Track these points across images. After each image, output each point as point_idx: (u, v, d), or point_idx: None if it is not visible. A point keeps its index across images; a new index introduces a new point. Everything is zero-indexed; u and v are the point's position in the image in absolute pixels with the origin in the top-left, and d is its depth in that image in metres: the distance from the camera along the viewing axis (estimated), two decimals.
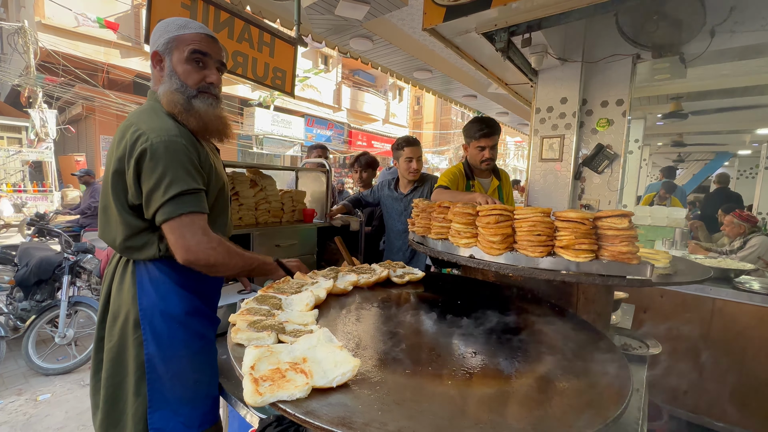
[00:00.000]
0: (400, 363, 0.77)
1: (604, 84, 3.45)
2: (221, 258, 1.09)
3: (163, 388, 1.10)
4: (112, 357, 1.12)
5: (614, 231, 1.04)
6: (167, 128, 1.07)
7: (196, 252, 1.05)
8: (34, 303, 3.65)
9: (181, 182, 1.04)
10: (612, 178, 3.50)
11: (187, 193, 1.05)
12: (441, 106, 26.16)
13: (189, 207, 1.05)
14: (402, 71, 4.75)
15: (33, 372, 3.28)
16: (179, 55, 1.14)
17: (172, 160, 1.03)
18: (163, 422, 1.09)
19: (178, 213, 1.03)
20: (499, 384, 0.72)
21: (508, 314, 1.11)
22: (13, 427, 2.56)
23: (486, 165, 2.21)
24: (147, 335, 1.09)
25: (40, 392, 3.01)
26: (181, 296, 1.14)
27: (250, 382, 0.59)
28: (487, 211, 1.17)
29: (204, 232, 1.07)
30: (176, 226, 1.04)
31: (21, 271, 3.65)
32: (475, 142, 2.20)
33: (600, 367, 0.81)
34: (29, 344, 3.29)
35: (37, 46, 10.88)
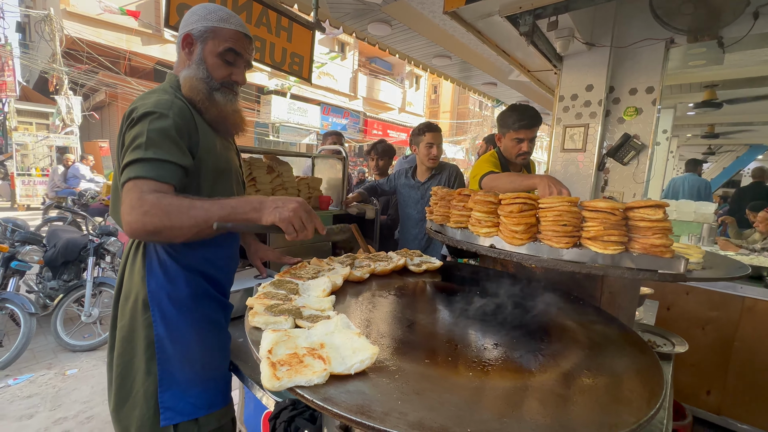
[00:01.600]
0: (418, 352, 0.75)
1: (634, 70, 3.28)
2: (158, 221, 0.90)
3: (173, 369, 1.11)
4: (123, 336, 1.14)
5: (647, 222, 0.98)
6: (160, 102, 1.04)
7: (130, 221, 0.91)
8: (61, 282, 3.81)
9: (143, 149, 0.96)
10: (638, 169, 3.36)
11: (144, 160, 0.95)
12: (458, 95, 25.64)
13: (137, 172, 0.94)
14: (420, 57, 4.64)
15: (61, 348, 3.43)
16: (213, 48, 1.13)
17: (148, 127, 0.98)
18: (173, 401, 1.10)
19: (126, 178, 0.95)
20: (522, 378, 0.70)
21: (528, 306, 1.08)
22: (44, 398, 2.70)
23: (522, 159, 2.05)
24: (156, 317, 1.10)
25: (68, 367, 3.15)
26: (188, 279, 1.14)
27: (268, 366, 0.58)
28: (511, 200, 1.12)
29: (140, 196, 0.92)
30: (124, 192, 0.94)
31: (49, 252, 3.79)
32: (513, 134, 2.01)
33: (629, 364, 0.77)
34: (58, 321, 3.44)
35: (63, 34, 11.13)
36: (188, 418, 1.12)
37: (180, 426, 1.11)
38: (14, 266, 3.32)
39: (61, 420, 2.47)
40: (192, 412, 1.13)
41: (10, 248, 3.34)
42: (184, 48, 1.14)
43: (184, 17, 1.16)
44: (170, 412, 1.10)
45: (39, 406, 2.62)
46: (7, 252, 3.30)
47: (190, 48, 1.14)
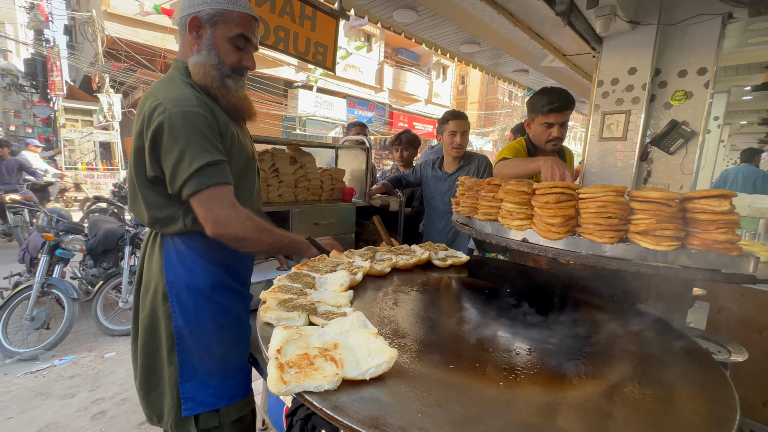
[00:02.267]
0: (442, 356, 0.68)
1: (684, 50, 2.99)
2: (249, 232, 1.05)
3: (192, 360, 1.11)
4: (145, 326, 1.15)
5: (709, 215, 0.85)
6: (184, 98, 1.03)
7: (225, 225, 1.02)
8: (101, 270, 4.01)
9: (205, 154, 1.00)
10: (686, 159, 3.07)
11: (212, 164, 1.01)
12: (487, 84, 24.86)
13: (215, 179, 1.01)
14: (447, 45, 4.48)
15: (101, 332, 3.62)
16: (224, 33, 1.09)
17: (192, 132, 0.99)
18: (194, 392, 1.10)
19: (206, 185, 1.00)
20: (561, 390, 0.61)
21: (566, 307, 0.98)
22: (85, 379, 2.85)
23: (552, 145, 1.90)
24: (174, 308, 1.10)
25: (107, 350, 3.32)
26: (206, 270, 1.13)
27: (275, 368, 0.53)
28: (546, 189, 1.02)
29: (232, 205, 1.04)
30: (204, 199, 1.01)
31: (90, 241, 4.00)
32: (542, 118, 1.87)
33: (689, 378, 0.66)
34: (98, 307, 3.63)
35: (104, 34, 11.71)
36: (209, 408, 1.12)
37: (201, 416, 1.12)
38: (59, 254, 3.52)
39: (99, 401, 2.60)
40: (212, 402, 1.12)
41: (55, 237, 3.54)
42: (191, 31, 1.08)
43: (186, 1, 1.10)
44: (191, 403, 1.11)
45: (80, 386, 2.77)
46: (52, 241, 3.50)
47: (198, 32, 1.09)
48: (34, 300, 3.19)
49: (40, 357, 3.08)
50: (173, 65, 1.16)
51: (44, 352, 3.12)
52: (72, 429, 2.31)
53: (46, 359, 3.08)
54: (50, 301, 3.40)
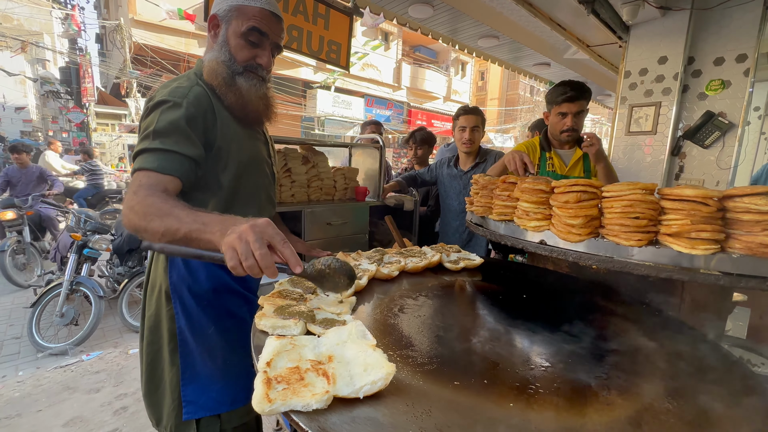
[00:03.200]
0: (448, 371, 0.62)
1: (721, 36, 2.78)
2: (136, 220, 0.83)
3: (195, 362, 1.09)
4: (150, 326, 1.14)
5: (754, 215, 0.75)
6: (173, 90, 0.99)
7: (123, 215, 0.87)
8: (127, 268, 4.15)
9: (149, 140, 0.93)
10: (723, 153, 2.87)
11: (149, 150, 0.92)
12: (507, 80, 24.31)
13: (141, 164, 0.91)
14: (465, 40, 4.37)
15: (126, 328, 3.75)
16: (236, 27, 1.05)
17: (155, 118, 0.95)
18: (195, 395, 1.08)
19: (133, 170, 0.94)
20: (581, 413, 0.54)
21: (588, 315, 0.90)
22: (109, 374, 2.95)
23: (567, 136, 1.88)
24: (177, 309, 1.09)
25: (131, 347, 3.42)
26: (209, 272, 1.11)
27: (262, 383, 0.49)
28: (566, 187, 0.94)
29: (135, 190, 0.87)
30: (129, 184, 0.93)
31: (116, 241, 4.14)
32: (556, 108, 1.87)
33: (729, 401, 0.58)
34: (123, 304, 3.75)
35: (131, 41, 12.17)
36: (210, 413, 1.10)
37: (202, 421, 1.10)
38: (86, 253, 3.66)
39: (122, 396, 2.68)
40: (214, 407, 1.10)
41: (82, 237, 3.68)
42: (210, 30, 1.08)
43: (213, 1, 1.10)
44: (192, 406, 1.09)
45: (105, 381, 2.86)
46: (80, 240, 3.64)
47: (215, 30, 1.07)
48: (64, 297, 3.33)
49: (69, 352, 3.21)
50: (196, 64, 1.15)
51: (73, 348, 3.25)
52: (95, 423, 2.38)
53: (74, 354, 3.21)
54: (79, 299, 3.54)
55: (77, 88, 14.63)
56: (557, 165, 1.95)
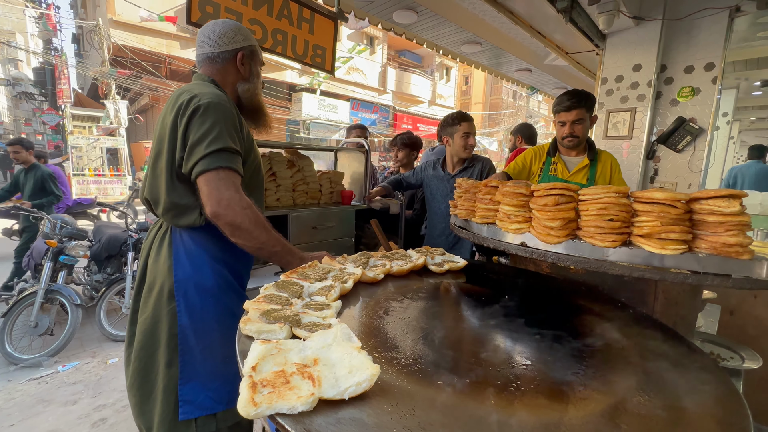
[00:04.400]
0: (431, 371, 0.64)
1: (690, 45, 2.92)
2: (247, 222, 1.05)
3: (195, 361, 1.11)
4: (145, 329, 1.14)
5: (718, 217, 0.80)
6: (219, 95, 1.13)
7: (226, 207, 1.03)
8: (105, 275, 4.03)
9: (225, 139, 1.06)
10: (694, 157, 3.00)
11: (228, 150, 1.07)
12: (491, 85, 24.75)
13: (227, 163, 1.06)
14: (449, 45, 4.44)
15: (105, 337, 3.63)
16: (257, 65, 1.33)
17: (219, 118, 1.07)
18: (193, 394, 1.10)
19: (216, 165, 1.04)
20: (559, 409, 0.57)
21: (567, 314, 0.93)
22: (87, 385, 2.85)
23: (569, 142, 1.96)
24: (181, 306, 1.11)
25: (110, 356, 3.32)
26: (214, 269, 1.16)
27: (247, 388, 0.49)
28: (545, 191, 0.97)
29: (237, 189, 1.07)
30: (212, 178, 1.04)
31: (94, 247, 4.02)
32: (556, 117, 1.98)
33: (696, 390, 0.62)
34: (101, 312, 3.63)
35: (110, 42, 11.86)
36: (207, 412, 1.11)
37: (198, 421, 1.10)
38: (62, 260, 3.54)
39: (100, 407, 2.59)
40: (211, 406, 1.12)
41: (58, 243, 3.56)
42: (242, 64, 1.27)
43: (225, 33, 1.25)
44: (189, 406, 1.10)
45: (82, 392, 2.76)
46: (55, 247, 3.52)
47: (246, 65, 1.29)
48: (38, 306, 3.21)
49: (44, 363, 3.09)
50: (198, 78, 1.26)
51: (48, 359, 3.13)
52: None
53: (49, 365, 3.09)
54: (54, 307, 3.41)
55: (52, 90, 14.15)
56: (560, 170, 2.02)
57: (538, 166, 2.09)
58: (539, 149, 2.14)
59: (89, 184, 11.65)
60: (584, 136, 1.97)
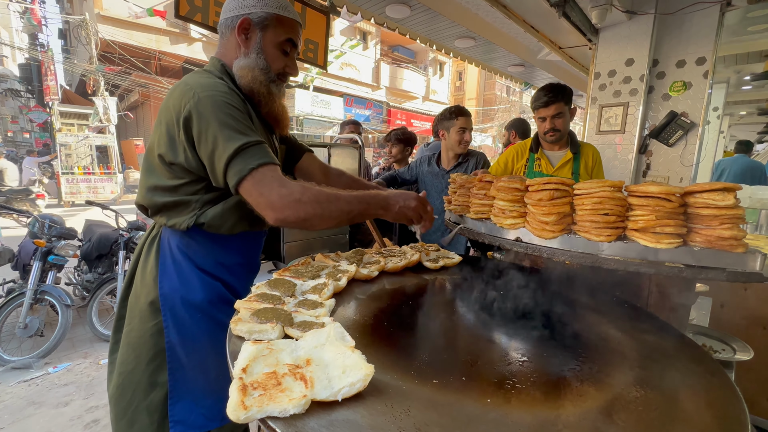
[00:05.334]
0: (427, 370, 0.63)
1: (682, 40, 2.93)
2: (311, 209, 0.91)
3: (185, 378, 1.04)
4: (128, 342, 1.07)
5: (712, 210, 0.80)
6: (215, 85, 0.98)
7: (281, 208, 0.90)
8: (96, 275, 3.96)
9: (239, 136, 0.92)
10: (686, 151, 3.02)
11: (248, 146, 0.92)
12: (484, 80, 24.76)
13: (255, 160, 0.92)
14: (442, 40, 4.41)
15: (97, 338, 3.58)
16: (274, 37, 1.07)
17: (221, 117, 0.93)
18: (185, 414, 1.03)
19: (247, 170, 0.90)
20: (558, 404, 0.56)
21: (563, 309, 0.93)
22: (79, 387, 2.81)
23: (550, 137, 1.96)
24: (168, 322, 1.03)
25: (102, 357, 3.27)
26: (204, 283, 1.06)
27: (237, 390, 0.48)
28: (540, 186, 0.97)
29: (281, 183, 0.92)
30: (251, 185, 0.91)
31: (85, 246, 3.95)
32: (536, 113, 1.98)
33: (695, 390, 0.61)
34: (93, 313, 3.58)
35: (98, 37, 11.62)
36: (200, 431, 1.05)
37: None
38: (51, 260, 3.47)
39: (93, 408, 2.56)
40: (203, 424, 1.05)
41: (47, 243, 3.49)
42: (240, 33, 1.05)
43: None
44: (181, 426, 1.03)
45: (74, 394, 2.72)
46: (44, 247, 3.45)
47: (246, 34, 1.06)
48: (27, 307, 3.15)
49: (34, 365, 3.04)
50: (210, 63, 1.12)
51: (38, 360, 3.08)
52: None
53: (39, 367, 3.04)
54: (44, 308, 3.35)
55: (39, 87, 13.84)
56: (544, 165, 2.01)
57: (522, 163, 2.09)
58: (521, 146, 2.14)
59: (79, 183, 11.46)
60: (566, 129, 1.97)
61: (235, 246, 1.12)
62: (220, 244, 1.09)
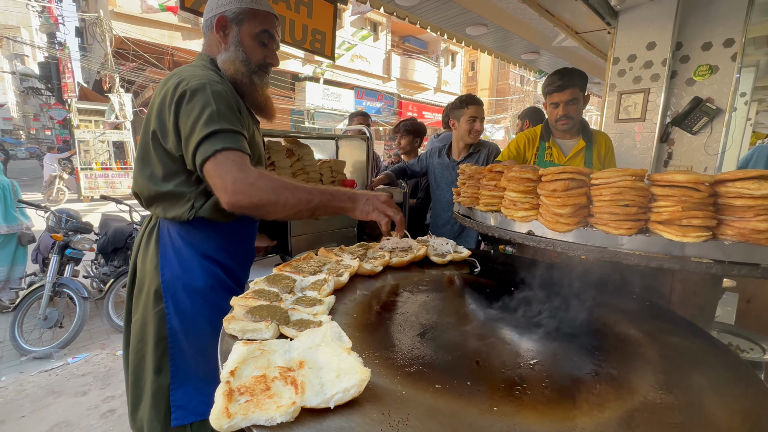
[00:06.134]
0: (429, 373, 0.58)
1: (708, 21, 2.76)
2: (265, 195, 0.91)
3: (186, 365, 1.06)
4: (136, 331, 1.10)
5: (746, 200, 0.72)
6: (208, 76, 1.03)
7: (234, 191, 0.90)
8: (112, 268, 4.05)
9: (219, 121, 0.95)
10: (711, 139, 2.87)
11: (222, 131, 0.95)
12: (498, 70, 24.22)
13: (223, 143, 0.94)
14: (453, 27, 4.28)
15: (113, 329, 3.67)
16: (249, 30, 1.12)
17: (208, 101, 0.97)
18: (185, 399, 1.06)
19: (212, 151, 0.92)
20: (573, 413, 0.51)
21: (578, 307, 0.87)
22: (96, 377, 2.88)
23: (563, 124, 1.86)
24: (170, 309, 1.05)
25: (118, 348, 3.35)
26: (204, 269, 1.09)
27: (222, 396, 0.45)
28: (554, 175, 0.90)
29: (239, 167, 0.93)
30: (213, 166, 0.93)
31: (101, 240, 4.04)
32: (548, 99, 1.88)
33: (726, 398, 0.55)
34: (109, 305, 3.67)
35: (112, 34, 11.79)
36: (201, 417, 1.07)
37: (194, 426, 1.07)
38: (68, 254, 3.56)
39: (109, 398, 2.62)
40: (204, 411, 1.07)
41: (64, 237, 3.57)
42: (218, 30, 1.12)
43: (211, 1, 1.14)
44: (182, 411, 1.06)
45: (92, 384, 2.79)
46: (61, 241, 3.53)
47: (224, 30, 1.12)
48: (47, 300, 3.24)
49: (54, 355, 3.13)
50: (198, 58, 1.17)
51: (58, 351, 3.17)
52: (82, 428, 2.32)
53: (59, 357, 3.13)
54: (63, 300, 3.45)
55: (58, 84, 14.18)
56: (555, 155, 1.92)
57: (532, 152, 1.99)
58: (531, 133, 2.03)
59: (97, 178, 11.76)
60: (578, 116, 1.87)
61: (234, 232, 1.16)
62: (220, 231, 1.12)
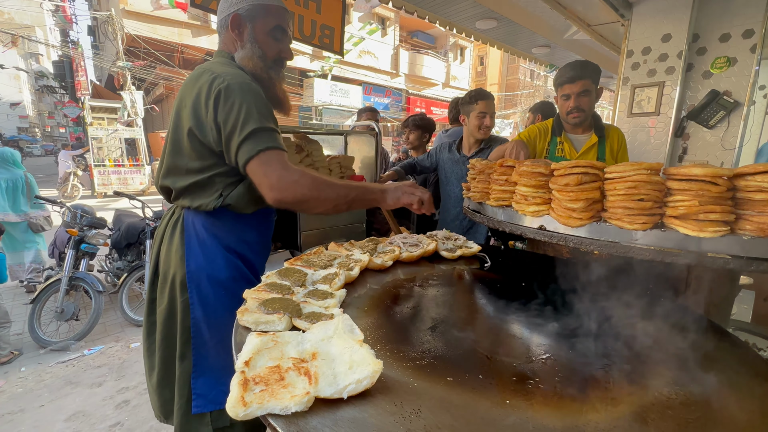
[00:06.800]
0: (440, 366, 0.59)
1: (726, 11, 2.68)
2: (308, 191, 0.99)
3: (208, 355, 1.09)
4: (163, 319, 1.13)
5: (766, 194, 0.71)
6: (241, 75, 1.07)
7: (279, 188, 0.98)
8: (126, 263, 4.13)
9: (259, 119, 1.00)
10: (728, 133, 2.80)
11: (262, 130, 1.00)
12: (507, 65, 23.92)
13: (265, 143, 0.99)
14: (462, 22, 4.24)
15: (127, 322, 3.75)
16: (263, 26, 1.15)
17: (245, 100, 1.01)
18: (206, 389, 1.08)
19: (256, 150, 0.98)
20: (585, 408, 0.51)
21: (590, 302, 0.86)
22: (111, 368, 2.95)
23: (574, 117, 1.82)
24: (194, 299, 1.09)
25: (132, 340, 3.42)
26: (227, 260, 1.12)
27: (238, 385, 0.45)
28: (566, 170, 0.89)
29: (283, 166, 1.00)
30: (257, 165, 0.99)
31: (114, 235, 4.12)
32: (560, 91, 1.83)
33: (742, 389, 0.55)
34: (123, 298, 3.74)
35: (123, 32, 11.94)
36: (220, 407, 1.10)
37: (212, 415, 1.10)
38: (83, 248, 3.64)
39: (123, 390, 2.68)
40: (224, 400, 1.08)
41: (79, 232, 3.65)
42: (233, 29, 1.14)
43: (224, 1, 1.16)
44: (202, 400, 1.09)
45: (107, 375, 2.86)
46: (77, 236, 3.61)
47: (239, 29, 1.14)
48: (63, 293, 3.31)
49: (71, 347, 3.22)
50: (218, 55, 1.20)
51: (74, 343, 3.25)
52: (98, 417, 2.39)
53: (76, 349, 3.21)
54: (79, 294, 3.53)
55: (71, 82, 14.43)
56: (567, 150, 1.89)
57: (543, 145, 1.96)
58: (543, 126, 1.98)
59: (110, 175, 11.96)
60: (590, 110, 1.83)
61: (254, 224, 1.19)
62: (242, 222, 1.16)
